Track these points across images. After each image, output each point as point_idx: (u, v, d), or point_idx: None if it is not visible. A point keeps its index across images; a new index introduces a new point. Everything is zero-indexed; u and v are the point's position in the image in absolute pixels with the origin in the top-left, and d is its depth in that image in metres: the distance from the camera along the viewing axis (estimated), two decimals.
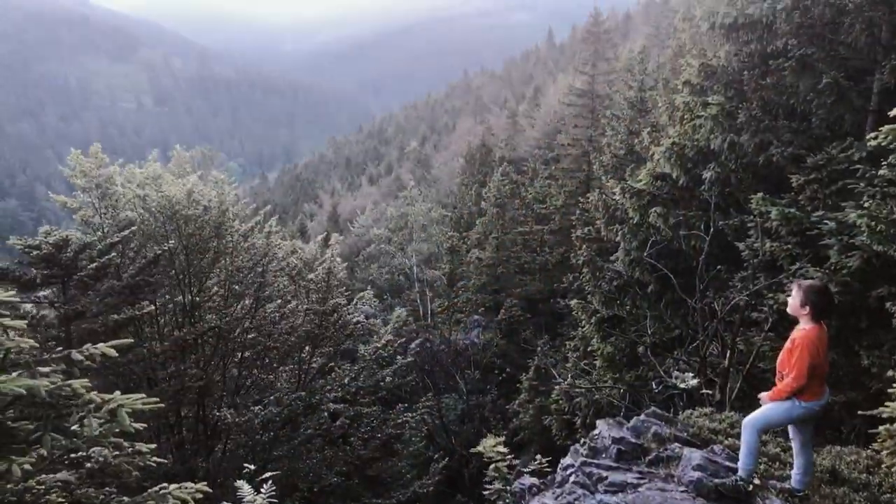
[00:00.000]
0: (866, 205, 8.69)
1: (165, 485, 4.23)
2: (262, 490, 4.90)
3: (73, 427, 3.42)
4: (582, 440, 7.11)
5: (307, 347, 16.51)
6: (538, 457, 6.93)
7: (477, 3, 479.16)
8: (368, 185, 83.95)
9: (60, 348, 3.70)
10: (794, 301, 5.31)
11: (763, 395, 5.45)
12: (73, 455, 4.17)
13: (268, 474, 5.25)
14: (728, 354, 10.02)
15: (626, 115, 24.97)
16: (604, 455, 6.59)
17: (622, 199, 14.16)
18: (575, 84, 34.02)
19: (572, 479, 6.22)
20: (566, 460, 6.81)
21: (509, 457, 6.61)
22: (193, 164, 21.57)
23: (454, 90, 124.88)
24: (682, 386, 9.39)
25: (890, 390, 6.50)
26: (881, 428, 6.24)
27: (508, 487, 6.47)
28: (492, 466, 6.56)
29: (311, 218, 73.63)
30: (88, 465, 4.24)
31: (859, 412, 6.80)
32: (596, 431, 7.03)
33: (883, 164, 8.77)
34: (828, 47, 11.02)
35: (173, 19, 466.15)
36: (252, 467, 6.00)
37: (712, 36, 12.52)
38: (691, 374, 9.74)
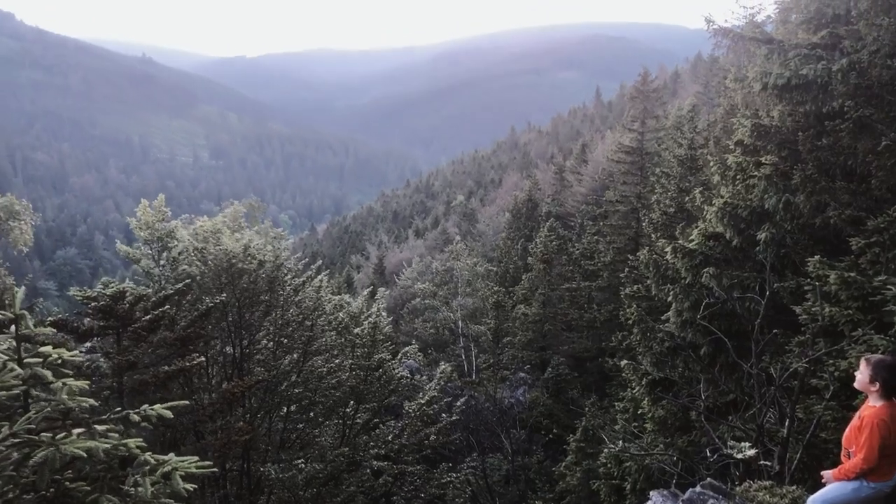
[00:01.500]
0: None
1: None
2: None
3: (128, 489, 3.44)
4: None
5: (352, 402, 16.48)
6: None
7: (526, 63, 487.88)
8: (415, 238, 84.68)
9: (119, 409, 3.75)
10: (862, 377, 5.09)
11: (827, 474, 5.19)
12: None
13: None
14: (787, 423, 9.61)
15: (676, 172, 24.77)
16: None
17: (673, 258, 13.94)
18: (623, 141, 34.02)
19: None
20: None
21: None
22: (240, 216, 22.16)
23: (501, 146, 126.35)
24: (739, 456, 9.00)
25: None
26: None
27: None
28: None
29: (357, 270, 74.43)
30: None
31: None
32: (650, 503, 6.77)
33: None
34: (887, 108, 10.81)
35: (231, 77, 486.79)
36: None
37: (765, 96, 12.43)
38: (748, 444, 9.34)
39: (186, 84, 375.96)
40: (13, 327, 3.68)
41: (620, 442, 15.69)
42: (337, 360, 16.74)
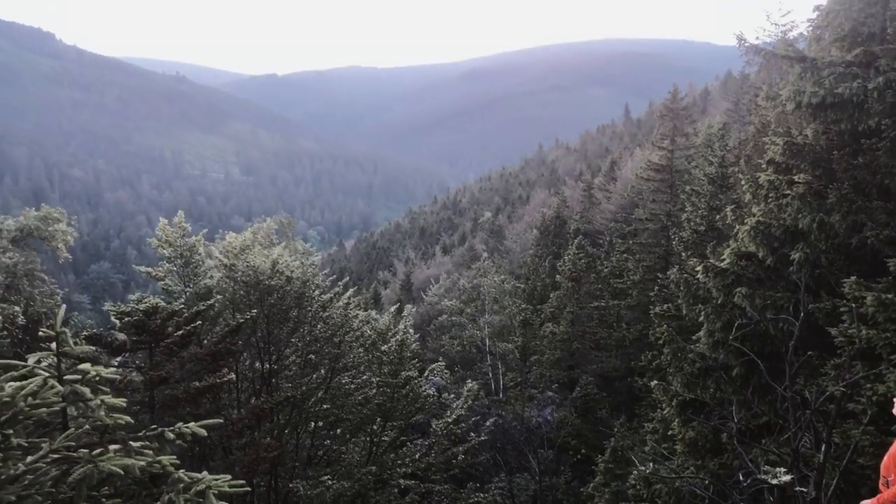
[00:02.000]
0: None
1: None
2: None
3: None
4: None
5: (379, 420, 16.47)
6: None
7: (554, 80, 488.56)
8: (442, 254, 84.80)
9: (154, 426, 3.80)
10: None
11: (867, 503, 5.06)
12: None
13: None
14: (823, 448, 9.39)
15: (707, 190, 24.54)
16: None
17: (705, 277, 13.77)
18: (653, 159, 33.82)
19: None
20: None
21: None
22: (272, 233, 22.46)
23: (528, 163, 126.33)
24: (774, 481, 8.80)
25: None
26: None
27: None
28: None
29: (385, 286, 74.69)
30: None
31: None
32: None
33: None
34: None
35: (262, 95, 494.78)
36: None
37: (798, 114, 12.29)
38: (783, 469, 9.13)
39: (219, 101, 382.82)
40: (54, 344, 3.77)
41: (650, 464, 15.43)
42: (364, 377, 16.77)
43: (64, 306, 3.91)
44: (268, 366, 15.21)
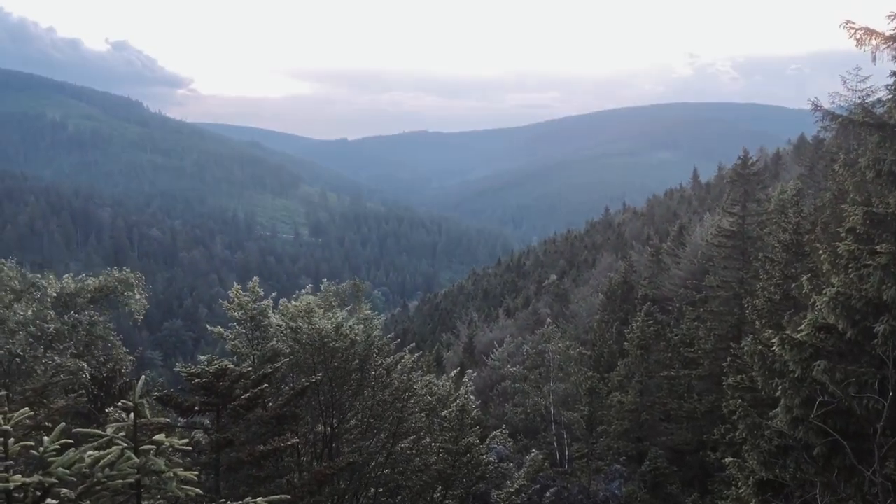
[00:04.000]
0: None
1: None
2: None
3: None
4: None
5: (439, 488, 16.17)
6: None
7: (621, 144, 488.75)
8: (505, 317, 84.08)
9: (224, 501, 3.83)
10: None
11: None
12: None
13: None
14: None
15: (781, 258, 23.79)
16: None
17: (781, 350, 13.21)
18: (723, 224, 33.08)
19: None
20: None
21: None
22: (344, 296, 22.79)
23: (594, 226, 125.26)
24: None
25: None
26: None
27: None
28: None
29: (447, 348, 74.32)
30: None
31: None
32: None
33: None
34: None
35: (332, 159, 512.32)
36: None
37: (878, 183, 11.90)
38: None
39: (291, 166, 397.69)
40: (132, 415, 3.88)
41: None
42: (424, 441, 16.57)
43: (143, 378, 4.06)
44: (330, 429, 15.22)
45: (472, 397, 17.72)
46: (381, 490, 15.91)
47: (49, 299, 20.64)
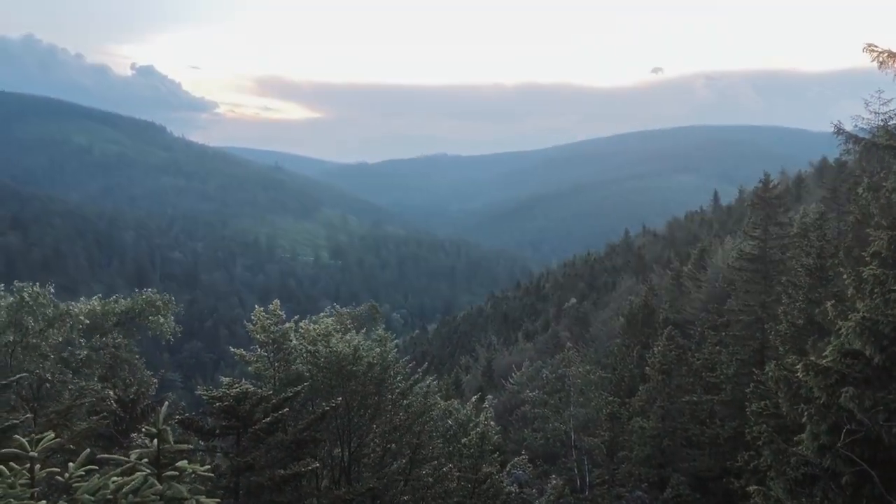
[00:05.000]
0: None
1: None
2: None
3: None
4: None
5: None
6: None
7: (641, 167, 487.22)
8: (524, 341, 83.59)
9: None
10: None
11: None
12: None
13: None
14: None
15: (804, 282, 23.49)
16: None
17: (805, 376, 13.00)
18: (745, 248, 32.79)
19: None
20: None
21: None
22: (361, 319, 22.82)
23: (614, 249, 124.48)
24: None
25: None
26: None
27: None
28: None
29: (466, 371, 73.94)
30: None
31: None
32: None
33: None
34: None
35: (353, 182, 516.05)
36: None
37: None
38: None
39: (311, 189, 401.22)
40: (155, 441, 3.91)
41: None
42: (445, 468, 16.44)
43: (166, 405, 4.11)
44: (348, 453, 15.18)
45: (492, 423, 17.59)
46: None
47: (81, 326, 20.94)
